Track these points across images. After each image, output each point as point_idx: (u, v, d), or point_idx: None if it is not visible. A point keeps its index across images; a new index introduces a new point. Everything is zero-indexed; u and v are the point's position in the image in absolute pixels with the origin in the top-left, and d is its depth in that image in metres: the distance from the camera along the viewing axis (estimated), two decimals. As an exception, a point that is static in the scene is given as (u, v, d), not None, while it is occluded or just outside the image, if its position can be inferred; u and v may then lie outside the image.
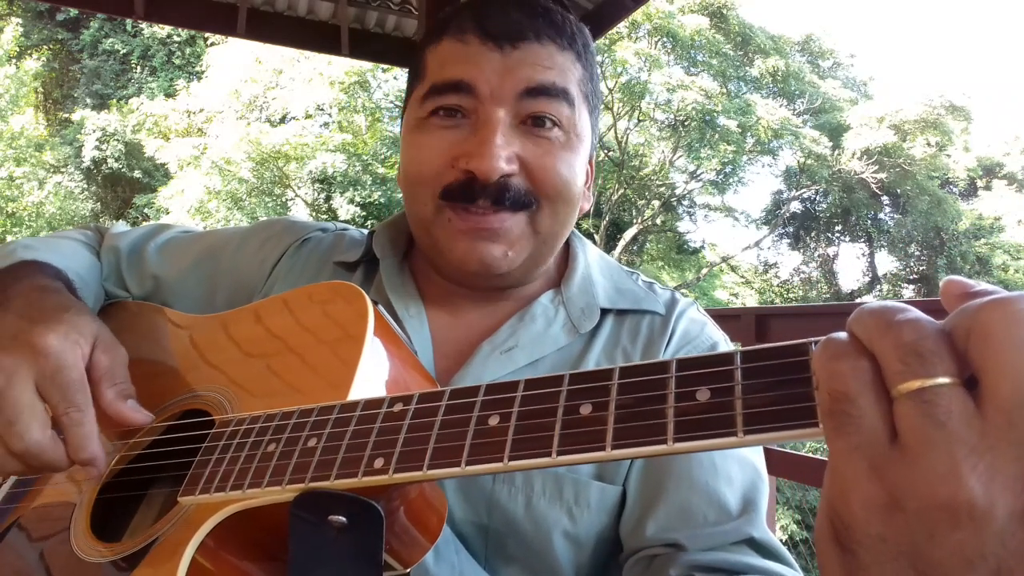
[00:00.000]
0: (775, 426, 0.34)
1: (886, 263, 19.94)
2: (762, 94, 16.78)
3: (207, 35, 13.88)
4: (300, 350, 0.62)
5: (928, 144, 17.06)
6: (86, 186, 15.84)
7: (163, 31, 16.35)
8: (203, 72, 15.48)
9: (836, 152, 17.07)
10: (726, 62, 16.05)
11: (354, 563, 0.48)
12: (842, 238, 20.22)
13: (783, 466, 2.10)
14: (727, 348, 0.79)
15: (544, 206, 0.72)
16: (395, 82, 13.68)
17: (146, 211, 14.73)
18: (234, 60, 14.01)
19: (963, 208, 18.72)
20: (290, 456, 0.50)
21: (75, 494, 0.66)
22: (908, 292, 19.12)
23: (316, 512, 0.48)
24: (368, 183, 13.06)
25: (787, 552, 0.67)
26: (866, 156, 17.07)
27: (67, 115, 16.53)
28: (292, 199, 13.69)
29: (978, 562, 0.28)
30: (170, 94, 15.63)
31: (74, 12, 15.72)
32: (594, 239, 14.95)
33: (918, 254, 19.25)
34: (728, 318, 2.35)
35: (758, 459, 0.72)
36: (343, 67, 12.86)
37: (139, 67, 16.93)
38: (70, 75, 17.40)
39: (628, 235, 15.92)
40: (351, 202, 12.98)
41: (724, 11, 16.35)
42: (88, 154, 15.01)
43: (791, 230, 19.89)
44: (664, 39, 15.28)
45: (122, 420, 0.64)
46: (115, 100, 15.98)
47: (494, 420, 0.44)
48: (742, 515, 0.66)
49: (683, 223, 18.41)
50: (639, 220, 16.29)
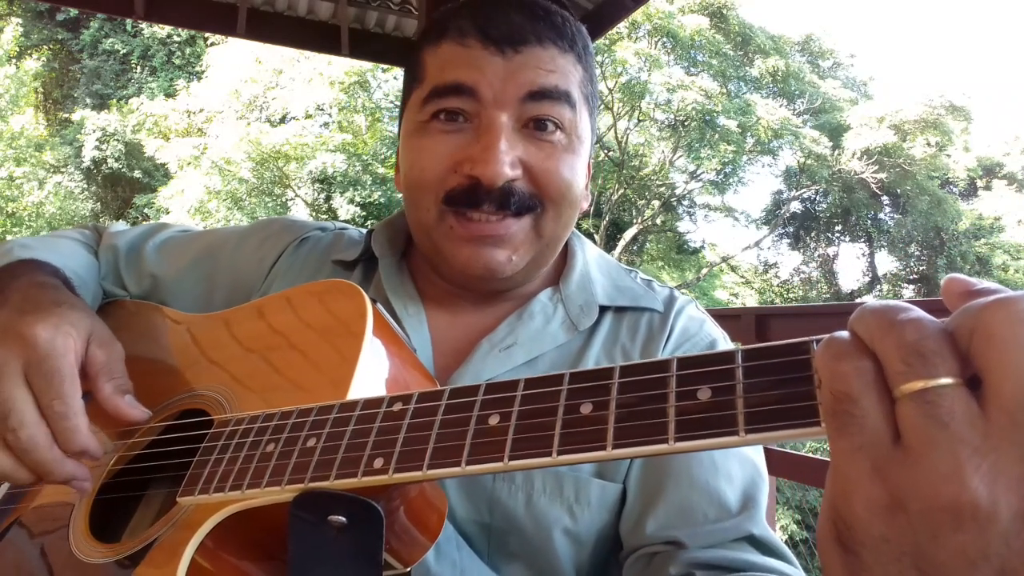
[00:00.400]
0: (777, 425, 0.34)
1: (886, 263, 19.95)
2: (762, 94, 16.78)
3: (207, 35, 13.88)
4: (298, 348, 0.62)
5: (928, 144, 17.06)
6: (86, 186, 15.83)
7: (163, 31, 16.34)
8: (203, 72, 15.48)
9: (836, 152, 17.07)
10: (726, 62, 16.05)
11: (354, 563, 0.48)
12: (842, 238, 20.23)
13: (783, 466, 2.10)
14: (726, 345, 0.79)
15: (548, 209, 0.72)
16: (395, 82, 13.66)
17: (146, 211, 14.73)
18: (234, 60, 14.01)
19: (963, 208, 18.72)
20: (289, 456, 0.50)
21: (74, 494, 0.66)
22: (908, 292, 19.11)
23: (316, 512, 0.47)
24: (368, 183, 13.06)
25: (787, 549, 0.67)
26: (866, 156, 17.07)
27: (67, 115, 16.53)
28: (292, 199, 13.68)
29: (981, 563, 0.28)
30: (170, 94, 15.63)
31: (74, 12, 15.73)
32: (594, 239, 14.95)
33: (918, 254, 19.25)
34: (728, 318, 2.35)
35: (758, 457, 0.72)
36: (343, 67, 12.86)
37: (139, 67, 16.93)
38: (70, 75, 17.40)
39: (628, 235, 15.92)
40: (351, 202, 12.97)
41: (724, 11, 16.35)
42: (88, 154, 15.00)
43: (791, 230, 19.89)
44: (664, 39, 15.27)
45: (119, 416, 0.63)
46: (115, 100, 15.98)
47: (494, 420, 0.43)
48: (742, 512, 0.66)
49: (683, 223, 18.43)
50: (639, 220, 16.28)
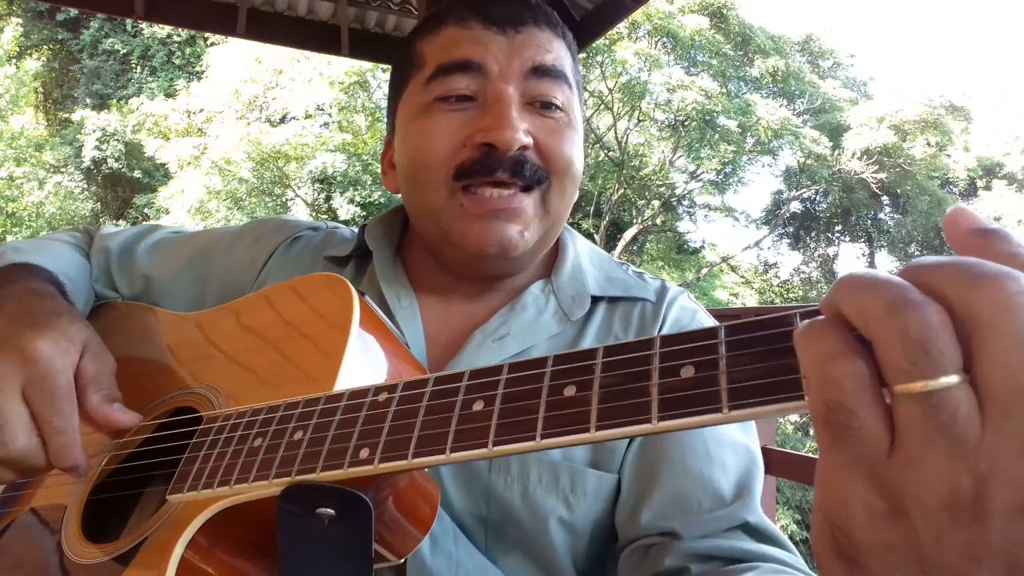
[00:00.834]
0: (760, 400, 0.33)
1: (886, 263, 19.92)
2: (762, 94, 16.77)
3: (207, 35, 13.87)
4: (287, 342, 0.62)
5: (928, 144, 17.05)
6: (86, 186, 15.83)
7: (163, 31, 16.34)
8: (203, 72, 15.48)
9: (836, 152, 17.06)
10: (726, 62, 16.04)
11: (345, 555, 0.48)
12: (842, 238, 20.22)
13: (783, 466, 2.09)
14: None
15: (554, 183, 0.73)
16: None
17: (146, 211, 14.73)
18: (234, 60, 14.01)
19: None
20: (276, 450, 0.50)
21: (67, 496, 0.66)
22: (908, 292, 19.02)
23: (304, 505, 0.47)
24: (368, 183, 13.06)
25: (783, 535, 0.66)
26: (866, 156, 17.06)
27: (67, 115, 16.53)
28: (292, 199, 13.69)
29: (988, 560, 0.27)
30: (170, 94, 15.63)
31: (74, 12, 15.72)
32: (594, 239, 14.94)
33: (918, 254, 19.20)
34: (728, 318, 2.35)
35: (753, 444, 0.72)
36: (343, 67, 12.86)
37: (139, 67, 16.93)
38: (70, 75, 17.40)
39: (628, 235, 15.91)
40: (351, 202, 12.98)
41: (724, 11, 16.34)
42: (88, 154, 15.01)
43: (791, 230, 19.88)
44: (664, 39, 15.26)
45: (109, 423, 0.64)
46: (115, 100, 15.98)
47: (478, 405, 0.43)
48: (736, 501, 0.66)
49: (683, 223, 18.42)
50: (639, 220, 16.27)
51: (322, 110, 14.24)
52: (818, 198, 19.15)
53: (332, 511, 0.47)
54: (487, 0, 0.75)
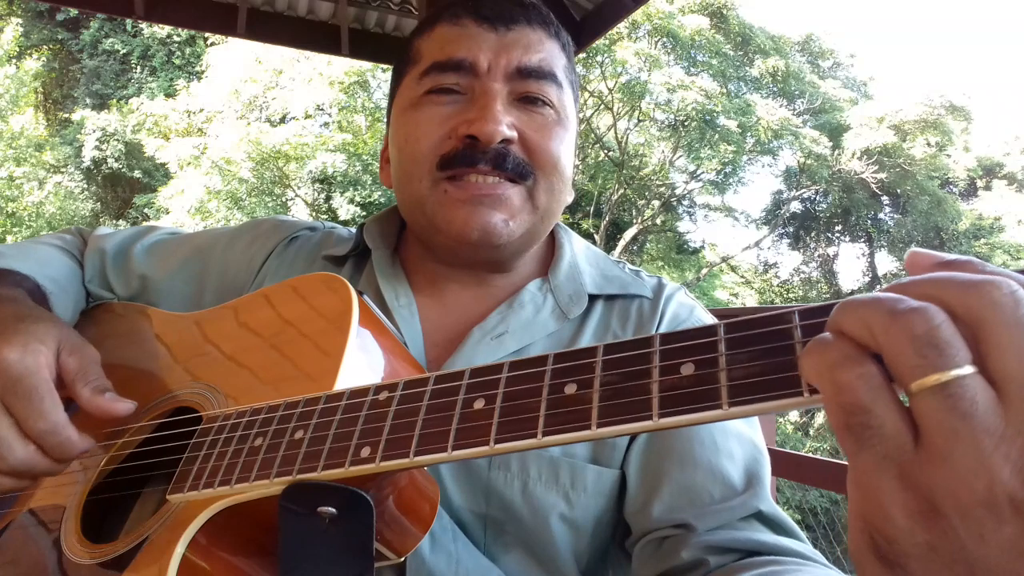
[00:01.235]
0: (759, 397, 0.34)
1: (886, 263, 19.90)
2: (762, 94, 16.76)
3: (207, 35, 13.87)
4: (286, 342, 0.62)
5: (928, 144, 17.04)
6: (86, 186, 15.83)
7: (163, 31, 16.33)
8: (203, 72, 15.47)
9: (836, 152, 17.05)
10: (726, 62, 16.03)
11: (345, 553, 0.48)
12: (842, 238, 20.21)
13: (783, 466, 2.09)
14: None
15: (540, 179, 0.74)
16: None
17: (146, 211, 14.72)
18: (234, 60, 14.00)
19: (963, 208, 18.70)
20: (277, 449, 0.50)
21: (66, 496, 0.66)
22: (908, 292, 19.01)
23: (305, 504, 0.47)
24: (368, 183, 13.05)
25: (794, 524, 0.66)
26: (866, 156, 17.05)
27: (67, 115, 16.53)
28: (292, 199, 13.68)
29: None
30: (170, 94, 15.61)
31: (74, 12, 15.71)
32: (594, 239, 14.95)
33: (918, 254, 19.17)
34: (727, 318, 2.35)
35: (756, 435, 0.72)
36: (343, 67, 12.85)
37: (139, 67, 16.91)
38: (70, 75, 17.39)
39: (628, 235, 15.90)
40: (351, 202, 12.97)
41: (724, 11, 16.33)
42: (88, 154, 15.00)
43: (791, 230, 19.87)
44: (664, 39, 15.25)
45: (104, 413, 0.64)
46: (115, 100, 15.97)
47: (479, 403, 0.43)
48: (747, 490, 0.66)
49: (683, 223, 18.41)
50: (639, 220, 16.27)
51: (322, 110, 14.24)
52: (818, 198, 19.14)
53: (333, 510, 0.47)
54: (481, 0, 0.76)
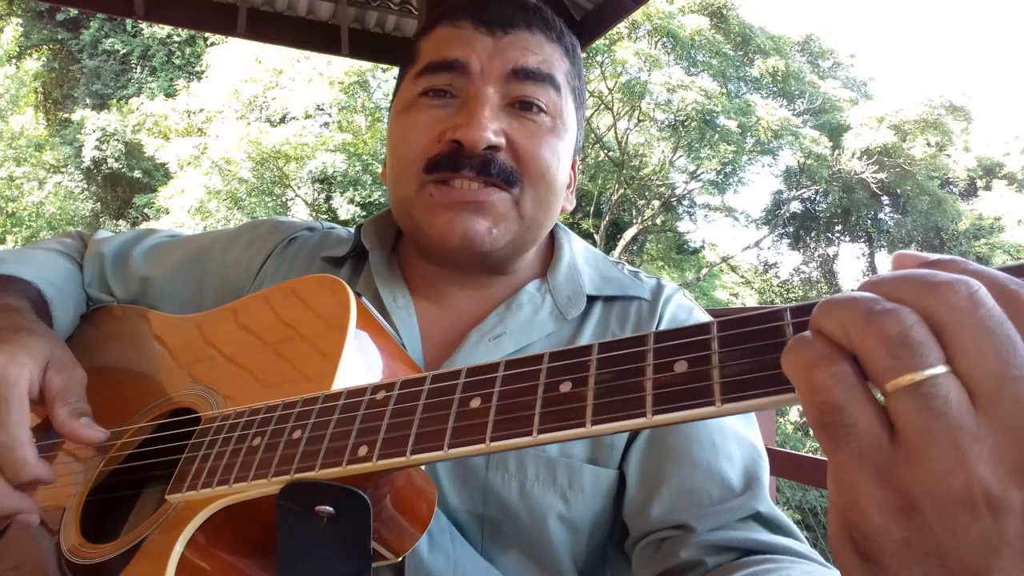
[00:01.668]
0: (752, 393, 0.34)
1: (886, 263, 19.84)
2: (762, 94, 16.76)
3: (207, 35, 13.88)
4: (284, 343, 0.63)
5: (928, 144, 17.04)
6: (86, 186, 15.83)
7: (163, 31, 16.34)
8: (203, 72, 15.47)
9: (836, 152, 17.04)
10: (726, 62, 16.03)
11: (343, 552, 0.49)
12: (842, 238, 20.21)
13: (783, 466, 2.09)
14: None
15: (527, 188, 0.73)
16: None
17: (146, 211, 14.72)
18: (234, 60, 14.00)
19: (963, 208, 18.70)
20: (275, 449, 0.50)
21: (65, 497, 0.66)
22: (908, 292, 19.00)
23: (303, 503, 0.48)
24: (368, 183, 13.05)
25: (793, 524, 0.67)
26: (866, 156, 17.05)
27: (67, 115, 16.53)
28: (292, 199, 13.68)
29: (1004, 549, 0.27)
30: (170, 94, 15.61)
31: (74, 12, 15.72)
32: (594, 239, 14.95)
33: (918, 254, 19.17)
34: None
35: (755, 436, 0.72)
36: (343, 67, 12.85)
37: (139, 67, 16.92)
38: (70, 75, 17.39)
39: (628, 235, 15.90)
40: (351, 202, 12.98)
41: (724, 11, 16.33)
42: (88, 154, 15.00)
43: (791, 230, 19.88)
44: (664, 39, 15.25)
45: (75, 438, 0.64)
46: (115, 100, 15.97)
47: (475, 402, 0.44)
48: (746, 491, 0.66)
49: (683, 223, 18.41)
50: (639, 220, 16.27)
51: (322, 110, 14.24)
52: (818, 198, 19.14)
53: (331, 508, 0.47)
54: (482, 1, 0.76)
